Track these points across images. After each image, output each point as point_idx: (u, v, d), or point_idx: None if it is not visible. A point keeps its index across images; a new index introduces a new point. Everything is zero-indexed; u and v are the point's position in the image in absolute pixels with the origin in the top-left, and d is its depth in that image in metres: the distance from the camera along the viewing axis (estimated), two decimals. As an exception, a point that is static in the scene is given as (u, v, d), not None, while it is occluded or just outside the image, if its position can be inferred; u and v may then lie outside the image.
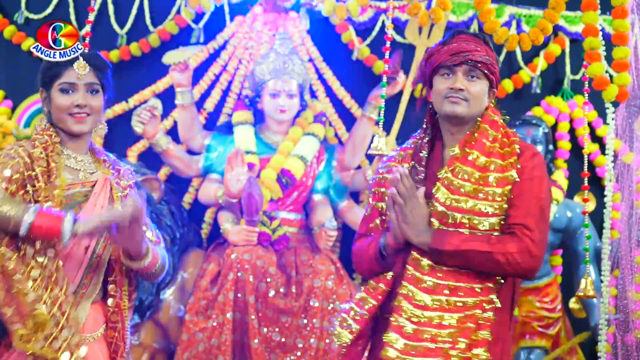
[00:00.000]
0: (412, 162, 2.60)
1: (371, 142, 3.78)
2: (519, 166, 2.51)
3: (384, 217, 2.62)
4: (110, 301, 2.57)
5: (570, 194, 4.68)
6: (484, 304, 2.45)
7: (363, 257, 2.63)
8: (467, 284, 2.47)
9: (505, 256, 2.43)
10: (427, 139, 2.62)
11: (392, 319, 2.44)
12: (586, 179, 3.61)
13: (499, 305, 2.47)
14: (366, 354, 2.62)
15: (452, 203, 2.48)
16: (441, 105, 2.56)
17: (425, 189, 2.52)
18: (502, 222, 2.48)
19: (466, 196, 2.47)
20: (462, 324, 2.42)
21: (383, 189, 2.63)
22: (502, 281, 2.51)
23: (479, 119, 2.59)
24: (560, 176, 4.68)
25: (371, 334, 2.59)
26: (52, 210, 2.38)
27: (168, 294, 4.15)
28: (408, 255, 2.50)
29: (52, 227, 2.34)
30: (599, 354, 4.06)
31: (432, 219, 2.48)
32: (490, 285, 2.48)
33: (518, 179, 2.49)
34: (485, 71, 2.54)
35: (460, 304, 2.44)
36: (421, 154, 2.59)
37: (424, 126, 2.65)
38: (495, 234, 2.47)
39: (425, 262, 2.47)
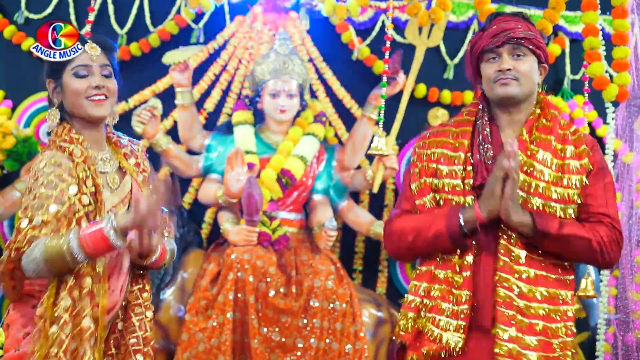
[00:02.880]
0: (471, 140, 2.53)
1: (371, 142, 3.78)
2: (590, 154, 2.49)
3: (436, 195, 2.52)
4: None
5: (570, 194, 4.67)
6: (569, 297, 2.45)
7: (420, 235, 2.48)
8: (558, 276, 2.45)
9: (600, 245, 2.43)
10: (486, 117, 2.55)
11: (501, 310, 2.37)
12: (586, 179, 3.61)
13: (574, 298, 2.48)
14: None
15: (533, 189, 2.43)
16: (492, 90, 2.51)
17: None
18: (575, 210, 2.46)
19: (548, 183, 2.44)
20: (563, 316, 2.42)
21: (435, 165, 2.54)
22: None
23: (537, 101, 2.55)
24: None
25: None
26: (88, 225, 2.29)
27: (168, 294, 4.15)
28: (487, 233, 2.43)
29: (96, 237, 2.24)
30: (597, 354, 4.06)
31: None
32: (571, 278, 2.48)
33: (593, 168, 2.48)
34: (530, 46, 2.49)
35: (558, 296, 2.43)
36: (485, 132, 2.52)
37: (480, 106, 2.58)
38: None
39: (518, 252, 2.41)
